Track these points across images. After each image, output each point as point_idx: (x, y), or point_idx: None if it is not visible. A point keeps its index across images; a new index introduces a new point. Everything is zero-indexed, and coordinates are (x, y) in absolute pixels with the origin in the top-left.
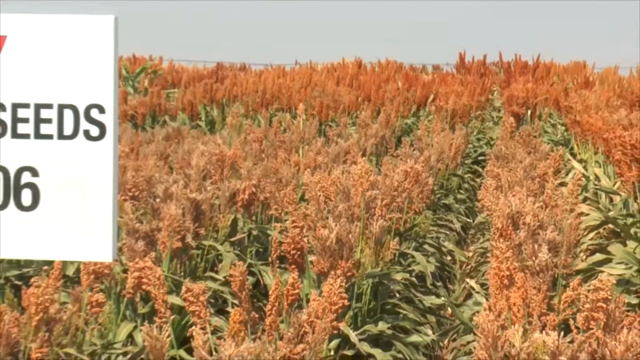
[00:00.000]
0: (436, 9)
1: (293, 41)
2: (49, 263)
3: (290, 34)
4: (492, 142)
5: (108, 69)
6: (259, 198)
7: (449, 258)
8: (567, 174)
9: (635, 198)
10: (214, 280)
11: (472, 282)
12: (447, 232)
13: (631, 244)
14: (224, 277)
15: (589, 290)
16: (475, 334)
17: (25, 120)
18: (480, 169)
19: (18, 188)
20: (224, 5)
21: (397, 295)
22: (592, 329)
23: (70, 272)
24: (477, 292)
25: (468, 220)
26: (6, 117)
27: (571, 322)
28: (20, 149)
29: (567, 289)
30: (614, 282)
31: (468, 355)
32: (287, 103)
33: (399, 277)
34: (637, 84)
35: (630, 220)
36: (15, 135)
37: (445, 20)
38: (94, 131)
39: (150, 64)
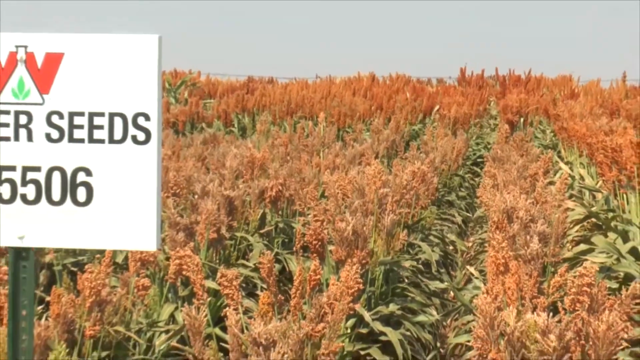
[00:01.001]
0: (440, 29)
1: (314, 58)
2: (101, 252)
3: (312, 52)
4: (489, 146)
5: (153, 82)
6: (284, 195)
7: (451, 248)
8: (555, 174)
9: (615, 195)
10: (245, 267)
11: (472, 269)
12: (450, 225)
13: (612, 235)
14: (254, 265)
15: (574, 276)
16: (474, 315)
17: (81, 127)
18: (478, 170)
19: (74, 186)
20: (255, 26)
21: (406, 280)
22: (577, 310)
23: (119, 259)
24: (476, 278)
25: (468, 214)
26: (64, 124)
27: (559, 304)
28: (76, 152)
29: (556, 275)
30: (597, 269)
31: (468, 333)
32: (309, 112)
33: (407, 264)
34: (616, 95)
35: (610, 214)
36: (71, 139)
37: (448, 39)
38: (141, 136)
39: (190, 77)
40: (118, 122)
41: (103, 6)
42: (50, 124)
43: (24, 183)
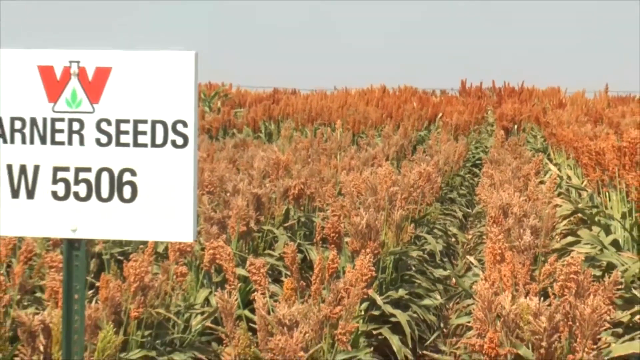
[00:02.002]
0: (444, 46)
1: (332, 71)
2: (144, 243)
3: (330, 66)
4: (487, 150)
5: (190, 93)
6: (306, 193)
7: (453, 240)
8: (545, 175)
9: (599, 193)
10: (271, 256)
11: (472, 259)
12: (452, 220)
13: (595, 229)
14: (279, 254)
15: (563, 265)
16: (474, 299)
17: (126, 133)
18: (477, 171)
19: (121, 185)
20: (280, 44)
21: (413, 268)
22: (565, 295)
23: (160, 249)
24: (475, 266)
25: (468, 210)
26: (112, 130)
27: (549, 290)
28: (122, 155)
29: (546, 264)
30: (583, 258)
31: (468, 315)
32: (327, 119)
33: (414, 254)
34: (599, 105)
35: (594, 210)
36: (118, 144)
37: (450, 55)
38: (179, 141)
39: (222, 89)
40: (159, 128)
41: (147, 25)
42: (99, 130)
43: (77, 182)
